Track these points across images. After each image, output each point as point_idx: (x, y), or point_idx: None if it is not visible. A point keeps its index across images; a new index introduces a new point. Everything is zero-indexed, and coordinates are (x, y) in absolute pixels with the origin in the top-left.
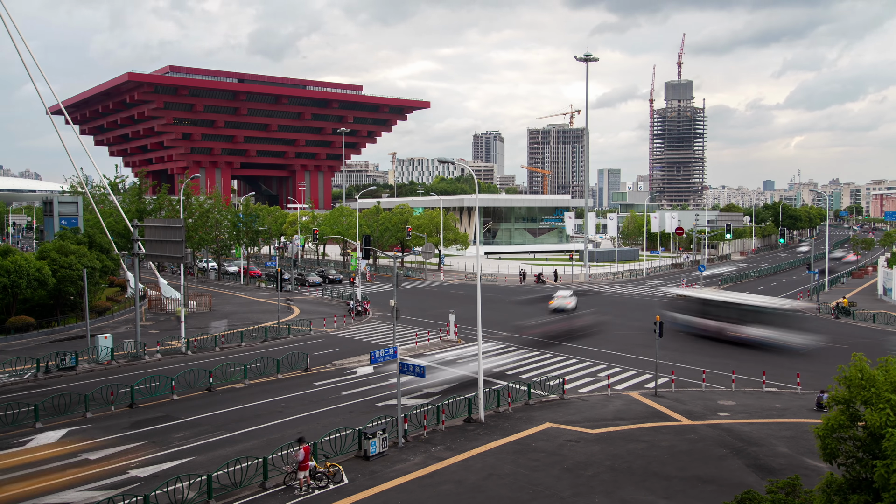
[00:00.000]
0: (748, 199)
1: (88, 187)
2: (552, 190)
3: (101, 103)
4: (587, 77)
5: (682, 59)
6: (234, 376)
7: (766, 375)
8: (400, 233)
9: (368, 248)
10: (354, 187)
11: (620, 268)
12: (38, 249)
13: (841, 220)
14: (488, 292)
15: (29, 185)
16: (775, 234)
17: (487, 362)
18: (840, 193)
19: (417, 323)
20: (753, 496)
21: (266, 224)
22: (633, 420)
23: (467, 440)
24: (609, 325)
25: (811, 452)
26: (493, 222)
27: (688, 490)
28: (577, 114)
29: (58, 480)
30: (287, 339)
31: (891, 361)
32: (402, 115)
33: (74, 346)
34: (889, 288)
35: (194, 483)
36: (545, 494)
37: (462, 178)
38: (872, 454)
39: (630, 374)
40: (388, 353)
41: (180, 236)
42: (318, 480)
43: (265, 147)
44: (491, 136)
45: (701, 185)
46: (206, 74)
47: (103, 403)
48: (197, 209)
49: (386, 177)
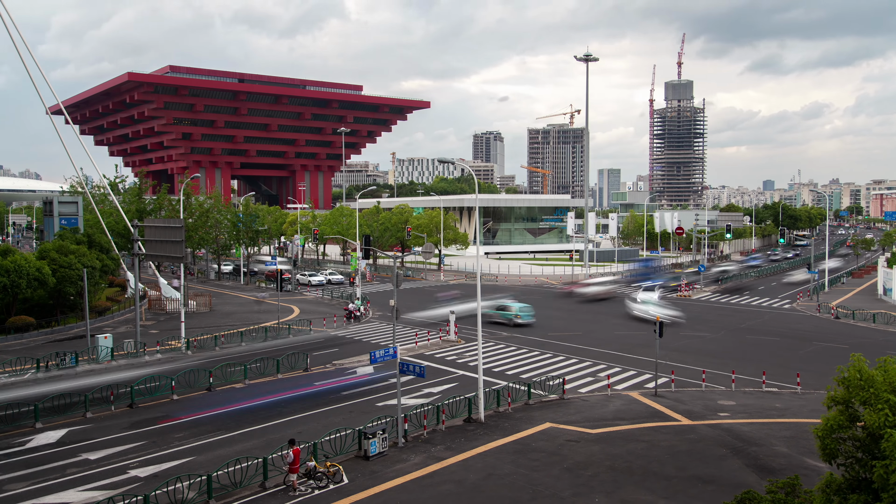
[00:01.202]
0: (748, 199)
1: (88, 187)
2: (552, 190)
3: (101, 103)
4: (587, 77)
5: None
6: (234, 376)
7: (767, 375)
8: (400, 233)
9: (368, 248)
10: (354, 187)
11: (620, 267)
12: (38, 249)
13: (841, 220)
14: (488, 292)
15: (29, 185)
16: (775, 233)
17: (487, 362)
18: (840, 193)
19: (417, 323)
20: (753, 496)
21: (266, 224)
22: (633, 420)
23: (467, 440)
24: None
25: (811, 452)
26: (493, 222)
27: (688, 490)
28: (578, 113)
29: (58, 480)
30: (287, 338)
31: (889, 362)
32: (402, 114)
33: (74, 346)
34: (889, 288)
35: (194, 483)
36: (545, 494)
37: (462, 178)
38: (871, 454)
39: (630, 373)
40: (388, 353)
41: (180, 236)
42: (318, 480)
43: (265, 147)
44: (491, 135)
45: (701, 185)
46: (206, 74)
47: (103, 403)
48: (197, 209)
49: (386, 177)
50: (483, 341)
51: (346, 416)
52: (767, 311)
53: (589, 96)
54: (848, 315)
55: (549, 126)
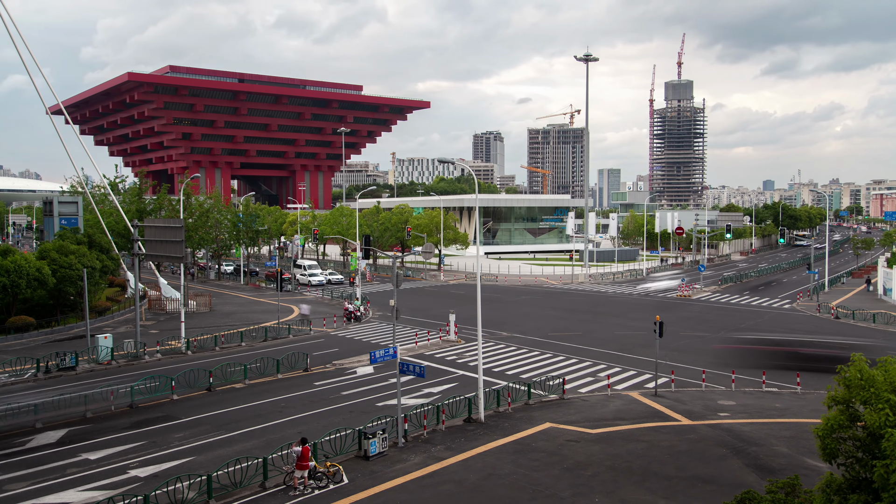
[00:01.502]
0: (748, 199)
1: (88, 187)
2: (552, 190)
3: (101, 103)
4: (587, 77)
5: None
6: (234, 376)
7: (766, 375)
8: (400, 233)
9: (368, 248)
10: (354, 187)
11: (620, 268)
12: (38, 249)
13: (840, 220)
14: (488, 292)
15: (29, 185)
16: (775, 233)
17: (487, 362)
18: (840, 193)
19: (417, 323)
20: (753, 496)
21: (266, 224)
22: (633, 420)
23: (467, 440)
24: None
25: (811, 452)
26: (493, 222)
27: (688, 490)
28: (577, 113)
29: (58, 480)
30: (287, 338)
31: (890, 361)
32: (402, 114)
33: (74, 346)
34: (889, 288)
35: (194, 483)
36: (545, 494)
37: (462, 178)
38: (872, 454)
39: (630, 373)
40: (388, 353)
41: (180, 236)
42: (318, 480)
43: (265, 147)
44: (491, 136)
45: (701, 185)
46: (206, 74)
47: (103, 403)
48: (197, 209)
49: (386, 177)
50: (483, 341)
51: (345, 416)
52: (767, 311)
53: (589, 97)
54: (848, 315)
55: (550, 126)
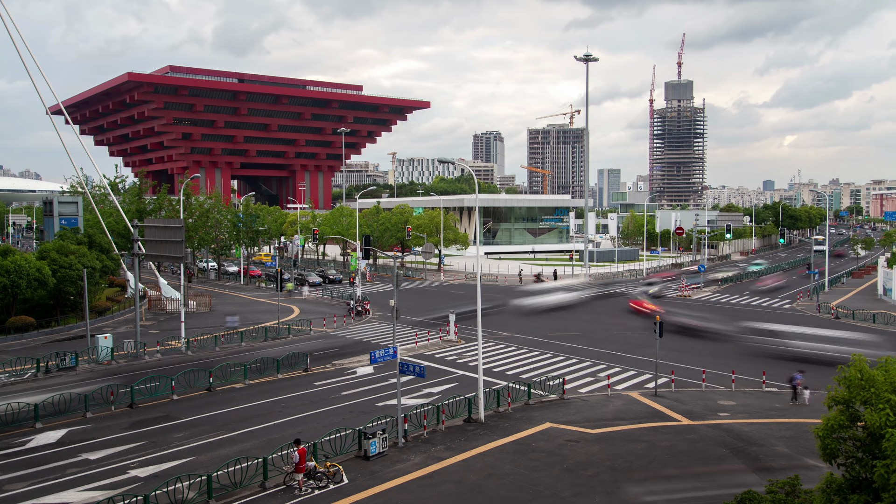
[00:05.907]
0: (748, 199)
1: (88, 187)
2: (552, 190)
3: (101, 103)
4: (587, 77)
5: (682, 58)
6: (234, 376)
7: (766, 375)
8: (400, 233)
9: (368, 248)
10: (354, 187)
11: (620, 268)
12: (38, 249)
13: (841, 220)
14: (488, 292)
15: (29, 185)
16: (775, 234)
17: (487, 362)
18: (840, 193)
19: (417, 323)
20: (753, 496)
21: (266, 224)
22: (633, 420)
23: (467, 440)
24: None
25: (811, 452)
26: (493, 222)
27: (688, 490)
28: (577, 113)
29: (58, 480)
30: (287, 338)
31: (890, 362)
32: (402, 115)
33: (74, 346)
34: (889, 288)
35: (194, 483)
36: (545, 494)
37: (462, 178)
38: (872, 454)
39: (630, 374)
40: (388, 353)
41: (180, 236)
42: (318, 480)
43: (265, 147)
44: (491, 136)
45: (701, 185)
46: (206, 74)
47: (103, 403)
48: (197, 209)
49: (386, 177)
50: (483, 341)
51: (345, 416)
52: (767, 311)
53: (589, 97)
54: (848, 315)
55: (550, 126)
